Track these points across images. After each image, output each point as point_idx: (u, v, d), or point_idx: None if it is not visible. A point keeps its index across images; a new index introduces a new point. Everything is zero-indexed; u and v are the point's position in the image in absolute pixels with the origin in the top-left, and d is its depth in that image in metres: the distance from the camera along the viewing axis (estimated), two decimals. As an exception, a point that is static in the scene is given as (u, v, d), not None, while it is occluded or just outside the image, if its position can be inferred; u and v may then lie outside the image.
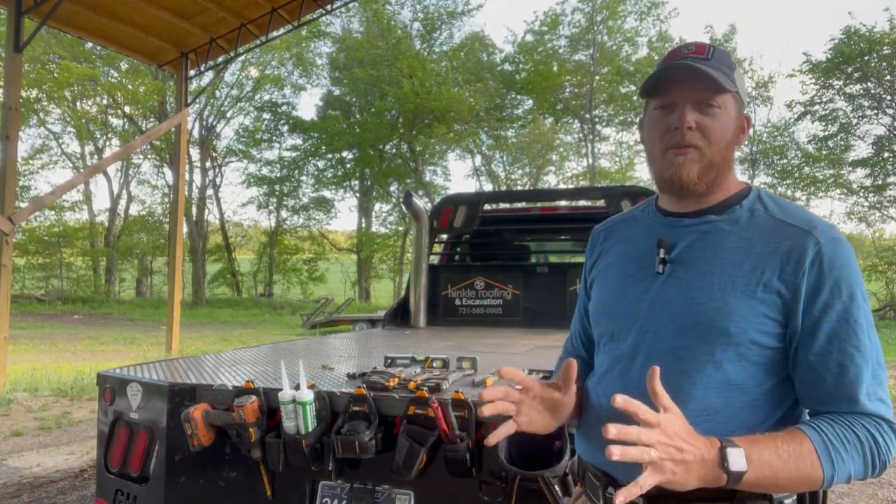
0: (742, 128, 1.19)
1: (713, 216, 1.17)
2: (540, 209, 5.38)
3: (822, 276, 1.07)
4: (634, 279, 1.23)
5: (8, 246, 7.22)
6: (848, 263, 1.08)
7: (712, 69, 1.12)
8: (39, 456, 5.06)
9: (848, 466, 1.02)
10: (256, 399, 1.99)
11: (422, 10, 29.13)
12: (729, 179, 1.19)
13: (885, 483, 4.58)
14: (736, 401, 1.10)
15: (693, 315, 1.12)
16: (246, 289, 31.72)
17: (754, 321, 1.08)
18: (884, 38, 21.63)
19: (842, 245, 1.09)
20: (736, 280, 1.10)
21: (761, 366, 1.10)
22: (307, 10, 9.73)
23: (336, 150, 29.75)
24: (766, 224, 1.13)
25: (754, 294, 1.08)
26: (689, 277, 1.15)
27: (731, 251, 1.12)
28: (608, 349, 1.26)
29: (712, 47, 1.17)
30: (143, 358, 10.51)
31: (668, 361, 1.11)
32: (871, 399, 1.05)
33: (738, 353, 1.09)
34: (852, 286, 1.07)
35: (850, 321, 1.07)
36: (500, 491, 1.75)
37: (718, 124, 1.14)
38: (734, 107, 1.17)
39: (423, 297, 4.73)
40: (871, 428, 1.04)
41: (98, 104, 27.77)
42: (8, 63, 7.54)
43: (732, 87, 1.14)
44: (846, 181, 24.60)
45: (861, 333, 1.07)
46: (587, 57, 28.38)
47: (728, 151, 1.17)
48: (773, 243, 1.10)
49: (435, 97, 25.77)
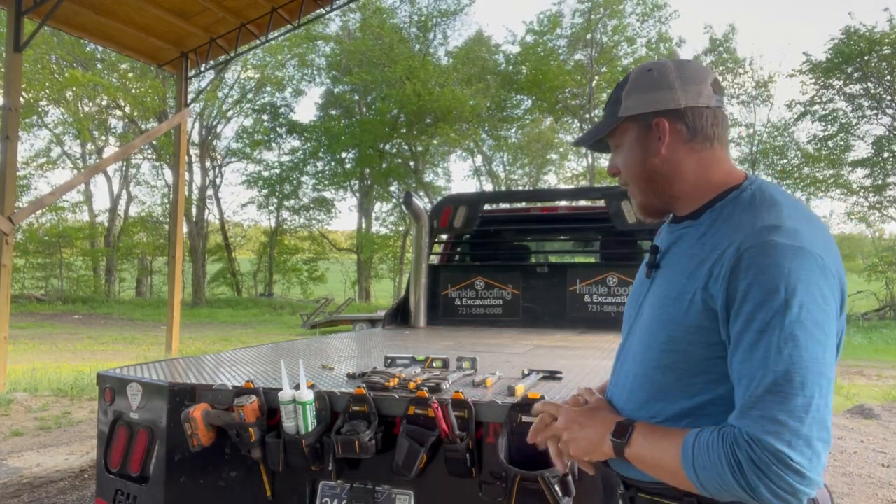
0: (655, 137, 1.17)
1: (690, 220, 1.18)
2: (540, 209, 5.38)
3: (738, 282, 1.00)
4: (639, 283, 1.30)
5: (8, 246, 7.22)
6: (770, 268, 0.98)
7: (601, 120, 1.24)
8: (39, 456, 5.06)
9: (713, 475, 0.97)
10: (256, 399, 1.99)
11: (415, 11, 29.13)
12: (694, 183, 1.17)
13: (885, 483, 4.58)
14: (679, 405, 1.11)
15: (649, 321, 1.17)
16: (246, 289, 31.73)
17: (689, 332, 1.08)
18: (884, 38, 21.63)
19: (768, 248, 0.99)
20: (679, 287, 1.11)
21: (703, 374, 1.08)
22: (307, 10, 9.72)
23: (336, 152, 29.77)
24: (721, 227, 1.10)
25: (691, 303, 1.07)
26: (659, 283, 1.19)
27: (687, 257, 1.13)
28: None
29: (613, 90, 1.23)
30: (143, 358, 10.51)
31: (631, 365, 1.21)
32: (752, 412, 0.95)
33: (679, 360, 1.10)
34: (773, 289, 0.97)
35: (759, 324, 0.97)
36: (500, 491, 1.75)
37: (622, 160, 1.22)
38: (632, 131, 1.20)
39: (423, 297, 4.73)
40: (739, 446, 0.95)
41: (98, 105, 27.78)
42: (8, 63, 7.54)
43: (613, 121, 1.20)
44: (846, 181, 24.60)
45: (767, 338, 0.96)
46: (586, 57, 28.39)
47: (647, 170, 1.18)
48: (713, 250, 1.07)
49: (437, 98, 25.78)
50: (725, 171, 1.17)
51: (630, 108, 1.18)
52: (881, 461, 5.13)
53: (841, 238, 30.89)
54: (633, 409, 1.19)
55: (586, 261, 6.04)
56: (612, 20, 27.81)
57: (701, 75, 1.17)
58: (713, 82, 1.16)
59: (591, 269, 4.67)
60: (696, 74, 1.17)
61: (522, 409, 1.79)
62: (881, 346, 14.71)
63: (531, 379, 2.17)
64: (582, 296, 4.52)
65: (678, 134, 1.16)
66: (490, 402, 1.86)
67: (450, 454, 1.80)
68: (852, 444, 5.64)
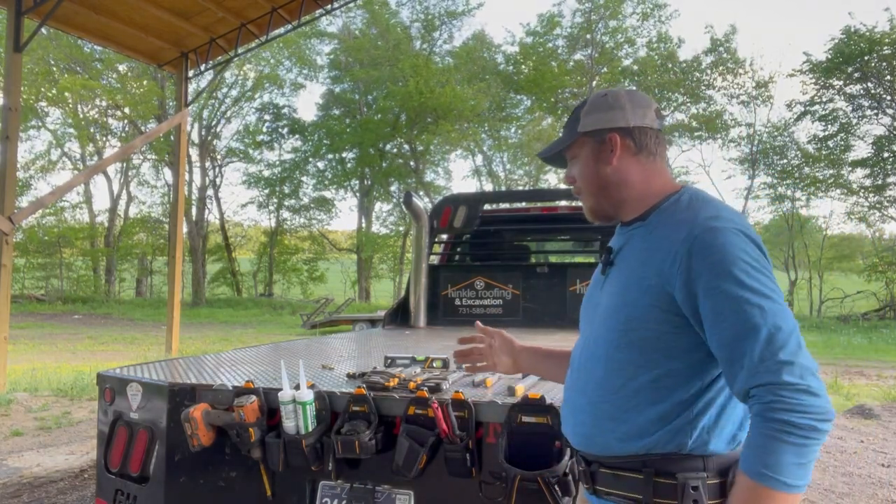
0: (608, 150, 1.36)
1: (640, 222, 1.35)
2: (540, 209, 5.38)
3: (693, 262, 1.17)
4: (595, 282, 1.47)
5: (8, 246, 7.22)
6: (722, 247, 1.16)
7: (560, 136, 1.43)
8: (39, 456, 5.06)
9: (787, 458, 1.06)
10: (256, 399, 1.99)
11: (422, 10, 29.17)
12: (640, 191, 1.35)
13: (886, 483, 4.58)
14: (637, 381, 1.24)
15: (609, 308, 1.31)
16: (246, 289, 31.70)
17: (645, 311, 1.23)
18: (884, 37, 21.61)
19: (716, 232, 1.17)
20: (635, 275, 1.27)
21: (660, 351, 1.22)
22: (307, 9, 9.72)
23: (337, 150, 29.77)
24: (667, 224, 1.27)
25: (648, 288, 1.23)
26: (615, 277, 1.35)
27: (639, 251, 1.30)
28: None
29: (573, 111, 1.43)
30: (143, 358, 10.51)
31: (590, 347, 1.35)
32: (766, 365, 1.08)
33: (636, 337, 1.24)
34: (727, 266, 1.14)
35: (732, 297, 1.12)
36: (500, 491, 1.75)
37: (579, 170, 1.40)
38: (586, 146, 1.39)
39: (423, 297, 4.73)
40: (771, 410, 1.07)
41: (98, 106, 27.79)
42: (8, 63, 7.54)
43: (569, 138, 1.40)
44: (846, 181, 24.57)
45: (746, 306, 1.12)
46: (586, 57, 28.38)
47: (600, 179, 1.37)
48: (664, 240, 1.24)
49: (438, 96, 25.78)
50: (664, 181, 1.36)
51: (587, 125, 1.38)
52: (881, 461, 5.13)
53: (841, 238, 30.87)
54: (592, 388, 1.31)
55: (586, 261, 6.04)
56: (613, 21, 27.80)
57: (646, 102, 1.38)
58: (656, 109, 1.38)
59: (591, 269, 4.65)
60: (643, 101, 1.38)
61: (522, 410, 1.79)
62: (881, 346, 14.71)
63: (531, 379, 2.17)
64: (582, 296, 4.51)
65: (627, 148, 1.35)
66: (490, 402, 1.86)
67: (450, 454, 1.80)
68: (852, 444, 5.64)
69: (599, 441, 1.29)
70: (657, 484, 1.21)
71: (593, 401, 1.30)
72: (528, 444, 1.75)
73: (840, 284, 24.34)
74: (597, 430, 1.29)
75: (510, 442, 1.76)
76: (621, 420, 1.25)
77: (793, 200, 26.35)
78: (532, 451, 1.74)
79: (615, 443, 1.26)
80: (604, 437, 1.28)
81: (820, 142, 24.64)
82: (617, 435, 1.26)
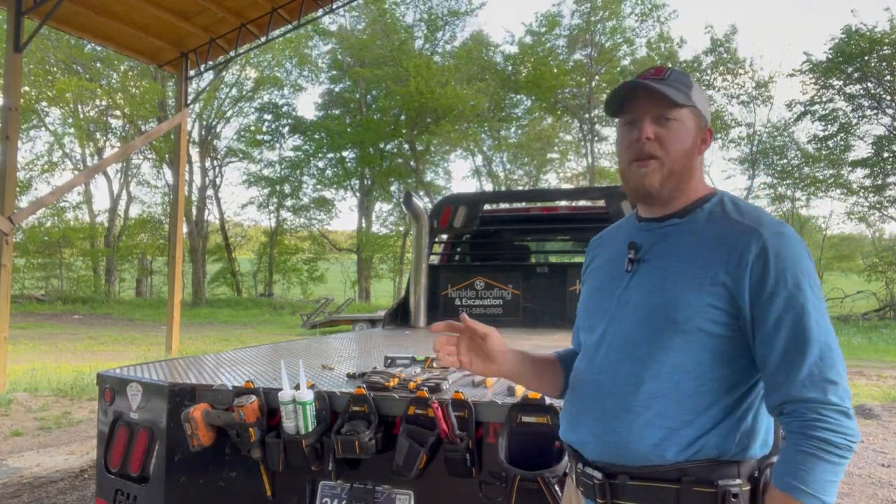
0: (703, 139, 1.31)
1: (677, 219, 1.29)
2: (540, 209, 5.38)
3: (766, 267, 1.15)
4: (611, 279, 1.36)
5: (8, 246, 7.21)
6: (793, 255, 1.16)
7: (668, 87, 1.25)
8: (39, 456, 5.06)
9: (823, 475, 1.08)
10: (256, 399, 1.99)
11: (426, 10, 29.17)
12: (693, 186, 1.30)
13: (886, 483, 4.58)
14: (685, 386, 1.19)
15: (648, 307, 1.24)
16: (246, 289, 31.70)
17: (701, 311, 1.18)
18: (884, 37, 21.61)
19: (786, 238, 1.17)
20: (686, 274, 1.21)
21: (710, 353, 1.18)
22: (307, 9, 9.72)
23: (337, 150, 29.77)
24: (720, 224, 1.24)
25: (702, 286, 1.18)
26: (649, 274, 1.27)
27: (686, 248, 1.24)
28: (584, 340, 1.41)
29: (670, 69, 1.30)
30: (143, 358, 10.51)
31: (625, 349, 1.25)
32: (813, 381, 1.10)
33: (687, 340, 1.18)
34: (798, 276, 1.14)
35: (797, 308, 1.13)
36: (500, 491, 1.75)
37: (675, 136, 1.26)
38: (692, 120, 1.28)
39: (423, 297, 4.73)
40: (804, 431, 1.09)
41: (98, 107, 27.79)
42: (8, 63, 7.54)
43: (687, 101, 1.26)
44: (846, 181, 24.57)
45: (807, 319, 1.12)
46: (586, 57, 28.38)
47: (688, 160, 1.27)
48: (724, 240, 1.20)
49: (438, 96, 25.78)
50: (703, 183, 1.35)
51: (697, 102, 1.28)
52: (881, 461, 5.13)
53: (841, 238, 30.87)
54: (627, 391, 1.22)
55: (586, 261, 6.02)
56: (611, 21, 27.80)
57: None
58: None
59: None
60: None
61: (522, 409, 1.79)
62: (881, 346, 14.70)
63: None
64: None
65: (705, 144, 1.32)
66: (490, 402, 1.86)
67: (450, 454, 1.80)
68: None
69: (634, 449, 1.20)
70: (694, 494, 1.16)
71: (629, 406, 1.21)
72: (528, 444, 1.75)
73: (840, 284, 24.30)
74: (633, 438, 1.20)
75: (510, 442, 1.76)
76: (663, 427, 1.18)
77: (793, 200, 26.39)
78: (532, 451, 1.73)
79: (653, 451, 1.18)
80: (640, 444, 1.19)
81: (820, 142, 24.65)
82: (654, 442, 1.18)
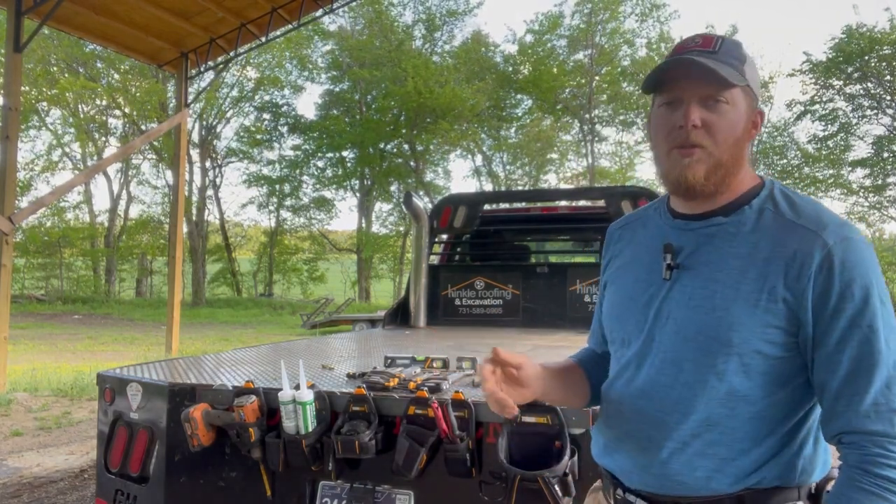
0: (755, 123, 1.11)
1: (721, 218, 1.11)
2: (540, 209, 5.38)
3: (830, 279, 1.00)
4: (644, 285, 1.18)
5: (8, 246, 7.21)
6: (861, 264, 1.00)
7: (719, 63, 1.05)
8: (39, 456, 5.06)
9: None
10: (256, 399, 1.99)
11: (424, 10, 29.17)
12: (741, 177, 1.12)
13: (885, 483, 4.58)
14: (741, 412, 1.06)
15: (695, 325, 1.08)
16: (246, 289, 31.72)
17: (758, 331, 1.03)
18: (884, 37, 21.61)
19: (853, 244, 1.01)
20: (740, 288, 1.05)
21: (768, 376, 1.05)
22: (307, 9, 9.72)
23: (337, 150, 29.77)
24: (774, 226, 1.07)
25: (758, 303, 1.03)
26: (693, 285, 1.10)
27: (737, 257, 1.07)
28: (618, 355, 1.24)
29: (721, 38, 1.10)
30: (143, 358, 10.50)
31: (671, 372, 1.10)
32: (878, 411, 0.97)
33: (742, 363, 1.04)
34: (867, 288, 0.99)
35: (863, 326, 0.99)
36: (500, 491, 1.75)
37: (726, 121, 1.06)
38: (744, 101, 1.08)
39: (423, 297, 4.73)
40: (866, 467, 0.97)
41: (98, 106, 27.80)
42: (8, 63, 7.54)
43: (741, 80, 1.06)
44: (846, 181, 24.57)
45: (874, 339, 0.98)
46: (586, 57, 28.39)
47: (738, 149, 1.09)
48: (780, 247, 1.04)
49: (437, 96, 25.79)
50: (751, 172, 1.15)
51: (751, 81, 1.09)
52: (881, 461, 5.12)
53: (841, 238, 30.81)
54: (677, 419, 1.10)
55: (586, 261, 6.03)
56: (612, 23, 27.80)
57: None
58: None
59: (591, 269, 4.66)
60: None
61: (522, 410, 1.79)
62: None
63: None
64: (582, 296, 4.51)
65: (756, 129, 1.13)
66: (490, 402, 1.86)
67: (450, 454, 1.80)
68: (852, 444, 5.63)
69: (683, 481, 1.09)
70: None
71: (677, 436, 1.09)
72: (528, 444, 1.75)
73: (840, 284, 24.26)
74: (683, 470, 1.08)
75: (510, 442, 1.76)
76: (717, 457, 1.07)
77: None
78: (532, 451, 1.73)
79: (704, 484, 1.08)
80: (689, 476, 1.08)
81: (820, 142, 24.65)
82: (706, 474, 1.07)
